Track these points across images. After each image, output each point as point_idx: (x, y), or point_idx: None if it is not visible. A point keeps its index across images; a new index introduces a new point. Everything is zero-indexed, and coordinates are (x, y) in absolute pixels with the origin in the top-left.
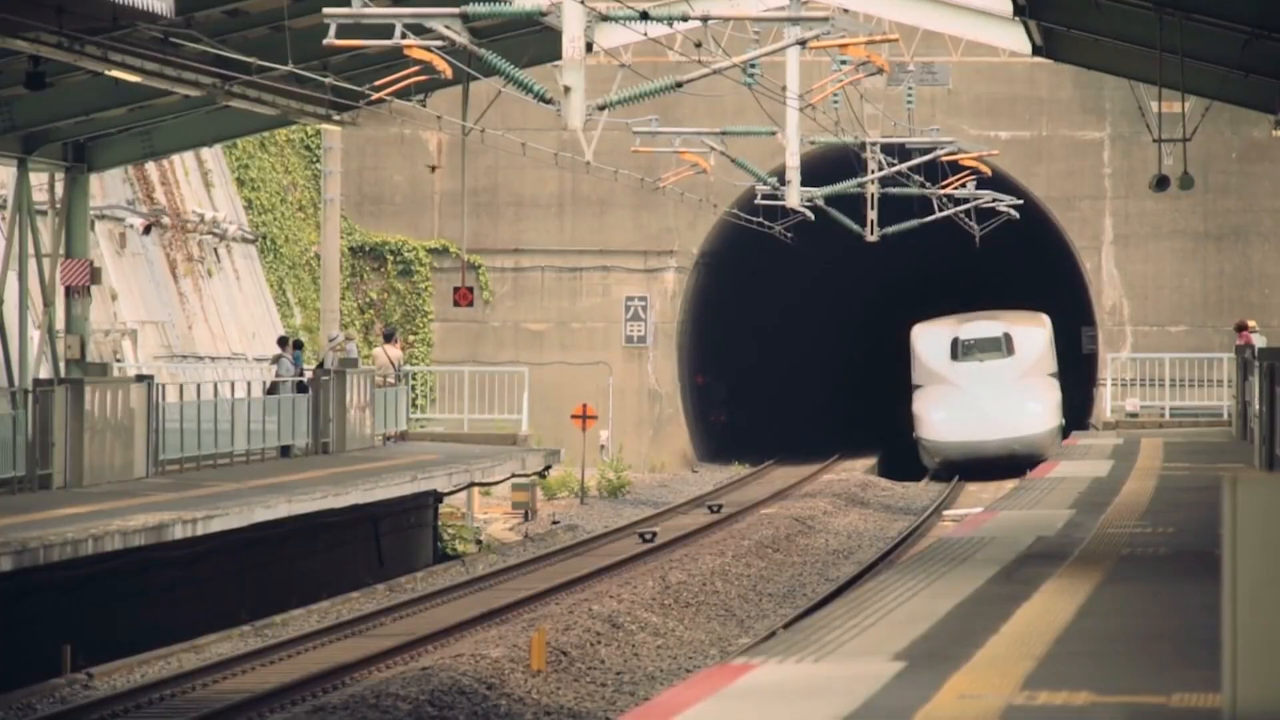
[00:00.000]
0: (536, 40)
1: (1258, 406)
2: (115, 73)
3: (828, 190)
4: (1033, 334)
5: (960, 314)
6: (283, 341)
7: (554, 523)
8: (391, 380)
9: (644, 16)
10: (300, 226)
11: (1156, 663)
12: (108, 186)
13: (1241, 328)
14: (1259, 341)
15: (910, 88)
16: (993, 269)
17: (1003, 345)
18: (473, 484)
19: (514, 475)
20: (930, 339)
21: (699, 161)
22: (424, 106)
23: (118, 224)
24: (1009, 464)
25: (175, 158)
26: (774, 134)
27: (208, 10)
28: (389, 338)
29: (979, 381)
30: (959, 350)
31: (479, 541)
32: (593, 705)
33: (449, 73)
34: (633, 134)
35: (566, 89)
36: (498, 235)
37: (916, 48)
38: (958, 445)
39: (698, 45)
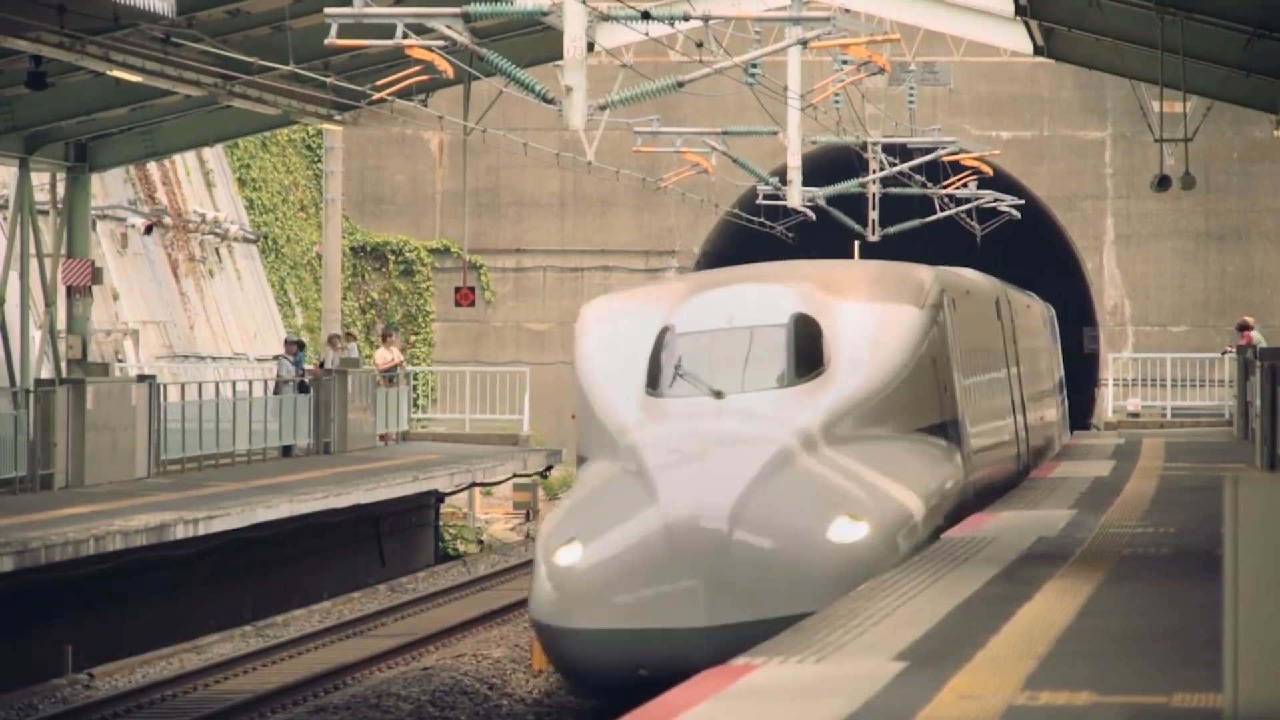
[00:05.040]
0: (538, 40)
1: (1259, 406)
2: (117, 72)
3: (829, 190)
4: (896, 319)
5: (712, 272)
6: (289, 343)
7: None
8: (379, 380)
9: (645, 16)
10: (302, 226)
11: (1158, 662)
12: (109, 186)
13: (1243, 327)
14: (1258, 340)
15: (911, 87)
16: (994, 269)
17: (786, 353)
18: (474, 484)
19: (515, 475)
20: (616, 337)
21: (700, 161)
22: (425, 106)
23: (119, 224)
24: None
25: (177, 158)
26: (775, 134)
27: (209, 10)
28: (384, 338)
29: (713, 459)
30: (672, 368)
31: (480, 542)
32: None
33: (450, 72)
34: (634, 134)
35: (568, 89)
36: (499, 235)
37: (918, 47)
38: (629, 643)
39: (699, 45)
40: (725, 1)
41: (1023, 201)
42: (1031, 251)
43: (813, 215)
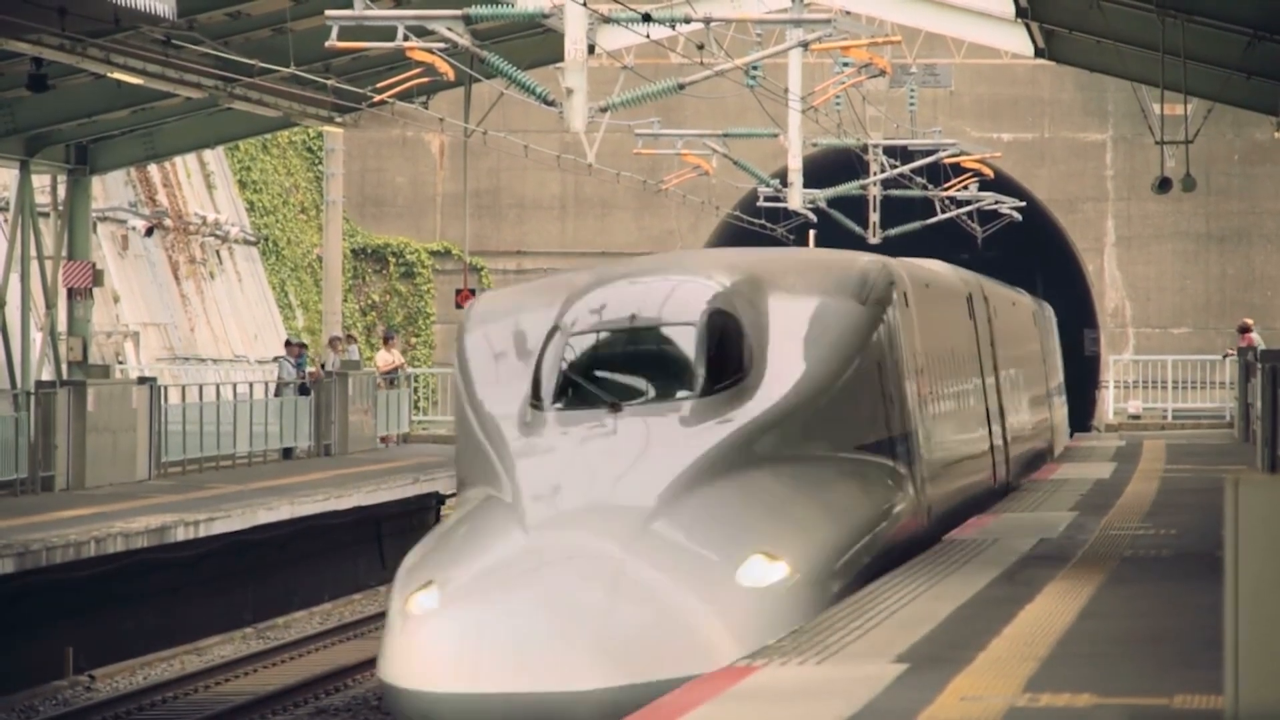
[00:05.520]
0: (539, 42)
1: (1260, 408)
2: (117, 75)
3: (830, 192)
4: (832, 316)
5: (623, 262)
6: (290, 345)
7: None
8: (379, 382)
9: (646, 19)
10: (302, 228)
11: (1159, 664)
12: (110, 188)
13: (1244, 329)
14: (1258, 342)
15: (912, 90)
16: (995, 271)
17: (697, 357)
18: None
19: None
20: (501, 339)
21: (701, 163)
22: (426, 108)
23: (120, 226)
24: None
25: (177, 160)
26: (776, 136)
27: (210, 12)
28: (385, 340)
29: (601, 487)
30: (559, 376)
31: None
32: None
33: (451, 75)
34: (635, 136)
35: (569, 91)
36: (500, 237)
37: (918, 50)
38: (494, 712)
39: (700, 47)
40: (726, 4)
41: (1024, 204)
42: (1032, 254)
43: (813, 217)
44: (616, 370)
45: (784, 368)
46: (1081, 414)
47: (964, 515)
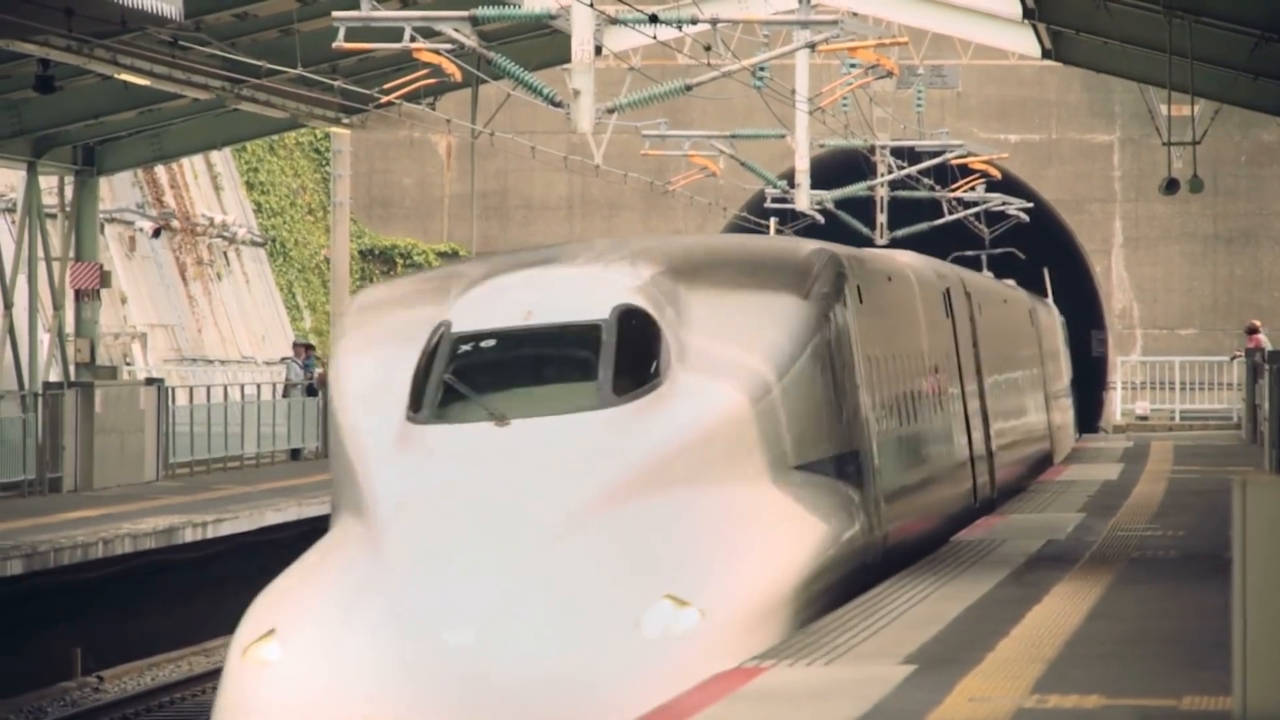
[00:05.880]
0: (546, 43)
1: (1267, 409)
2: (124, 76)
3: (837, 193)
4: (768, 313)
5: (528, 249)
6: (298, 346)
7: None
8: None
9: (653, 20)
10: (310, 230)
11: (1167, 665)
12: (117, 189)
13: (1252, 330)
14: (1266, 343)
15: (920, 91)
16: (1002, 272)
17: (604, 361)
18: None
19: None
20: (382, 339)
21: (708, 164)
22: (433, 109)
23: (127, 227)
24: None
25: (185, 161)
26: (783, 137)
27: (217, 13)
28: None
29: (478, 521)
30: (440, 382)
31: None
32: None
33: (458, 76)
34: (642, 137)
35: (576, 92)
36: (507, 238)
37: (926, 51)
38: None
39: (707, 48)
40: (733, 5)
41: (1031, 205)
42: (1040, 255)
43: (821, 218)
44: (507, 377)
45: (708, 374)
46: (1089, 415)
47: (934, 540)
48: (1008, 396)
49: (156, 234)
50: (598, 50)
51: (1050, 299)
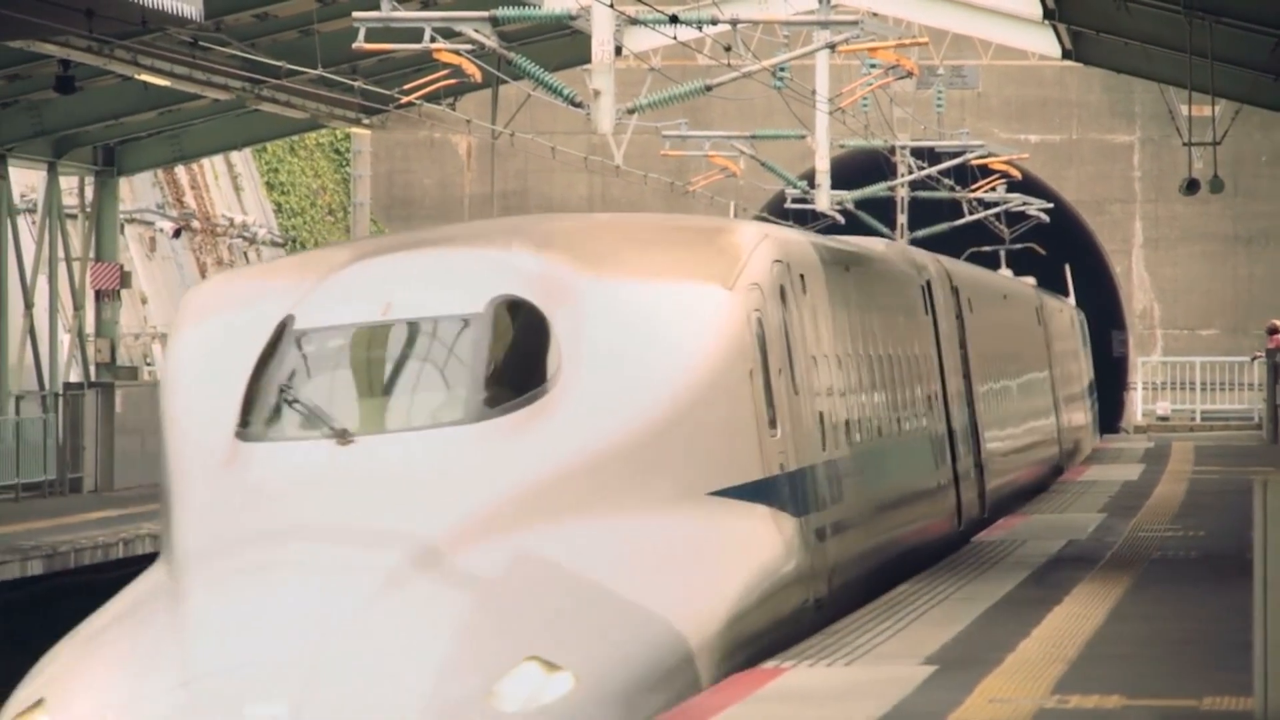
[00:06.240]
0: (566, 44)
1: None
2: (145, 76)
3: (857, 194)
4: (685, 308)
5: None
6: None
7: None
8: None
9: (673, 20)
10: (330, 230)
11: (1188, 666)
12: (137, 190)
13: (1273, 331)
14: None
15: (940, 91)
16: (1022, 270)
17: (474, 364)
18: None
19: None
20: (219, 339)
21: (729, 165)
22: (453, 110)
23: (147, 227)
24: None
25: (205, 161)
26: (803, 137)
27: (237, 14)
28: None
29: (299, 567)
30: (276, 391)
31: None
32: None
33: (478, 76)
34: (662, 137)
35: (596, 92)
36: None
37: (946, 51)
38: None
39: (727, 49)
40: (753, 5)
41: (1051, 205)
42: (1060, 254)
43: (841, 219)
44: (356, 383)
45: (605, 380)
46: (1110, 416)
47: (900, 573)
48: (1005, 402)
49: (177, 234)
50: (618, 51)
51: (1071, 296)
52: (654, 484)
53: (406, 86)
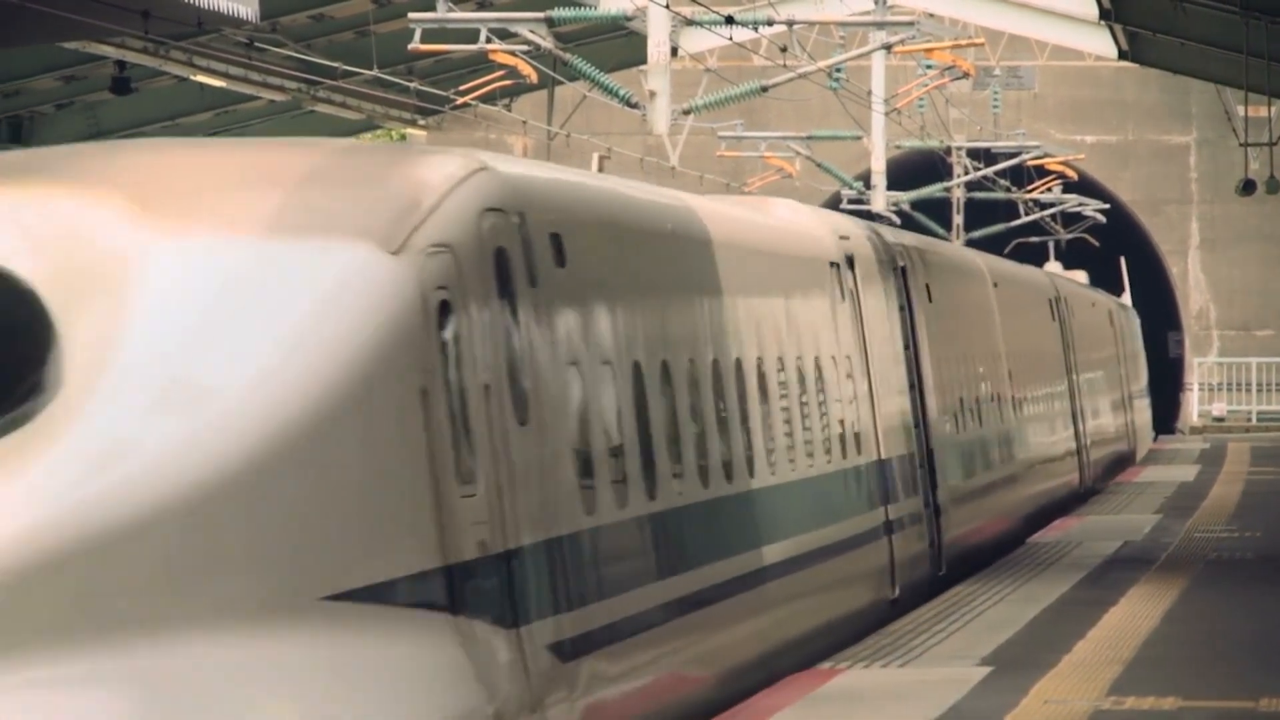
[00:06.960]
0: (621, 45)
1: None
2: (201, 78)
3: (913, 194)
4: (315, 283)
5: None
6: None
7: None
8: None
9: (729, 21)
10: None
11: (1244, 667)
12: None
13: None
14: None
15: (996, 92)
16: (1073, 263)
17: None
18: None
19: None
20: None
21: (784, 166)
22: (509, 111)
23: None
24: None
25: None
26: (859, 138)
27: (293, 15)
28: None
29: None
30: None
31: None
32: None
33: (534, 77)
34: (718, 138)
35: (652, 93)
36: None
37: (1002, 52)
38: None
39: (783, 49)
40: (809, 6)
41: (1107, 206)
42: (1115, 253)
43: (897, 219)
44: None
45: (150, 398)
46: (1166, 416)
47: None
48: (988, 421)
49: None
50: (674, 51)
51: (1127, 295)
52: (220, 578)
53: (462, 87)
